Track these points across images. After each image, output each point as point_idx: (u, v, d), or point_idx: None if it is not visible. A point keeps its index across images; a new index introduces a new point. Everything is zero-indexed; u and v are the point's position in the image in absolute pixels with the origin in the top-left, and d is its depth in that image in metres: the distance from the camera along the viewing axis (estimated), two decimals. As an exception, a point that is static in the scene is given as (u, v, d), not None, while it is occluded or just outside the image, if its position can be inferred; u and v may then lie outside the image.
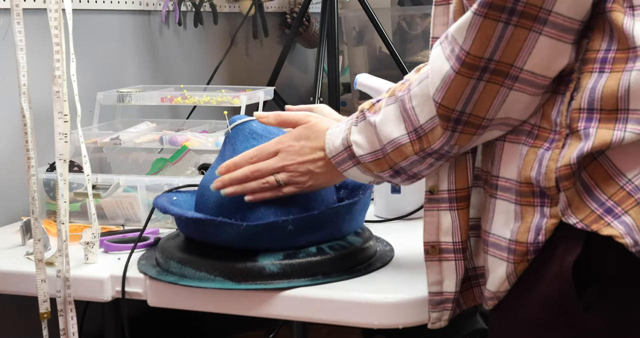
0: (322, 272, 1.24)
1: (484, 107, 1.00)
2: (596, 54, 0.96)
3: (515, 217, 1.01)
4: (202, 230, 1.26)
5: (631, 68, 0.94)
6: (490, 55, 0.96)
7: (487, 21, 0.95)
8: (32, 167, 1.28)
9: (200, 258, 1.25)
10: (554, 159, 0.96)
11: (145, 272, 1.30)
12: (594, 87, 0.95)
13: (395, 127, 1.09)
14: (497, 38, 0.96)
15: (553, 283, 0.97)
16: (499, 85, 0.98)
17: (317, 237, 1.26)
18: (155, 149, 1.80)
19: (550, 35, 0.95)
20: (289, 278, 1.22)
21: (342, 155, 1.17)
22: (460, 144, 1.05)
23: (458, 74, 0.99)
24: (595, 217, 0.94)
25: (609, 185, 0.95)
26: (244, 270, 1.22)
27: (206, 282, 1.23)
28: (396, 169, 1.12)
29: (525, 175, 0.99)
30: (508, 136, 1.03)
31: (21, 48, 1.26)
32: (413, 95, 1.07)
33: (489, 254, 1.05)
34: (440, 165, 1.11)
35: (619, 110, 0.94)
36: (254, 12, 2.60)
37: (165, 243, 1.34)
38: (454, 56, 0.99)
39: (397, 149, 1.10)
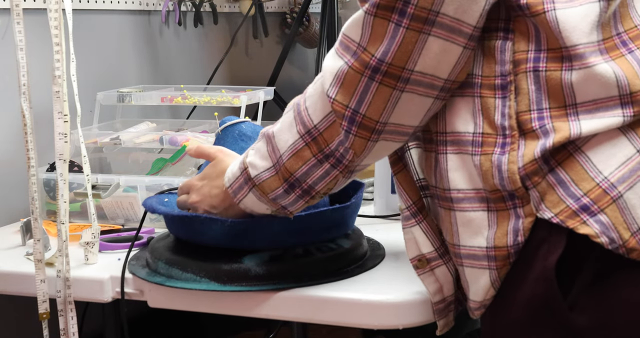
0: (308, 274, 1.23)
1: (377, 109, 1.00)
2: (526, 55, 0.97)
3: (489, 224, 1.00)
4: (188, 229, 1.27)
5: (570, 67, 0.95)
6: (382, 56, 0.97)
7: (379, 20, 0.96)
8: (33, 167, 1.28)
9: (187, 260, 1.25)
10: (512, 161, 0.96)
11: (134, 272, 1.30)
12: (538, 87, 0.96)
13: (290, 133, 1.08)
14: (389, 38, 0.96)
15: (537, 283, 0.97)
16: (391, 88, 0.98)
17: (304, 238, 1.26)
18: (155, 148, 1.80)
19: (438, 35, 0.96)
20: (275, 280, 1.22)
21: (239, 181, 1.16)
22: (355, 149, 1.04)
23: (351, 69, 0.99)
24: (571, 212, 0.95)
25: (584, 180, 0.95)
26: (229, 271, 1.22)
27: (192, 283, 1.23)
28: (291, 181, 1.10)
29: (490, 184, 0.98)
30: (449, 148, 1.02)
31: (21, 48, 1.26)
32: (307, 97, 1.06)
33: (466, 266, 1.04)
34: (335, 177, 1.08)
35: (567, 105, 0.96)
36: (254, 12, 2.60)
37: (156, 243, 1.35)
38: (349, 53, 0.99)
39: (295, 154, 1.08)
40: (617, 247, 0.93)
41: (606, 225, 0.94)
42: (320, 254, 1.25)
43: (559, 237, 0.96)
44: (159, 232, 1.54)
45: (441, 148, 1.03)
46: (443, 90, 1.00)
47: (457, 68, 0.99)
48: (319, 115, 1.04)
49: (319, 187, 1.10)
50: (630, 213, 0.94)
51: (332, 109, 1.02)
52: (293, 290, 1.21)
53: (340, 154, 1.05)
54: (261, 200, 1.15)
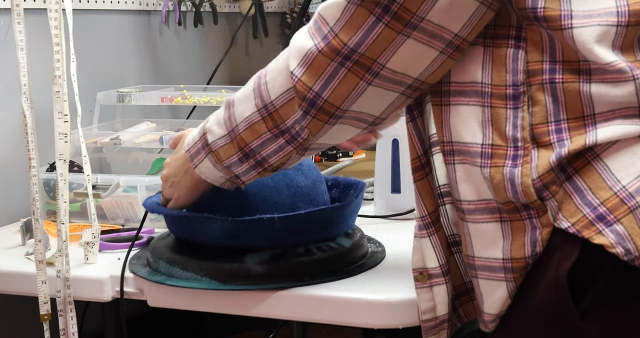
0: (309, 273, 1.23)
1: (340, 96, 0.99)
2: (541, 65, 0.95)
3: (504, 235, 0.98)
4: (188, 228, 1.27)
5: (588, 79, 0.93)
6: (355, 46, 0.96)
7: (361, 10, 0.95)
8: (34, 168, 1.28)
9: (188, 258, 1.25)
10: (526, 173, 0.94)
11: (135, 271, 1.30)
12: (555, 99, 0.94)
13: (247, 105, 1.07)
14: (365, 30, 0.95)
15: (550, 290, 0.95)
16: (359, 77, 0.98)
17: (305, 237, 1.25)
18: (155, 148, 1.80)
19: (418, 39, 0.95)
20: (275, 279, 1.21)
21: (197, 146, 1.16)
22: (311, 129, 1.03)
23: (321, 53, 0.98)
24: (587, 222, 0.92)
25: (602, 189, 0.93)
26: (230, 270, 1.22)
27: (193, 282, 1.23)
28: (246, 150, 1.10)
29: (502, 197, 0.96)
30: (456, 158, 1.01)
31: (21, 48, 1.26)
32: (269, 70, 1.06)
33: (481, 278, 1.02)
34: (288, 152, 1.08)
35: (585, 116, 0.94)
36: (254, 12, 2.60)
37: (156, 242, 1.35)
38: (320, 35, 0.98)
39: (250, 127, 1.07)
40: (632, 259, 0.91)
41: (622, 236, 0.91)
42: (321, 253, 1.25)
43: (572, 246, 0.93)
44: (159, 232, 1.54)
45: (448, 158, 1.02)
46: (410, 87, 1.00)
47: (429, 70, 0.98)
48: (278, 91, 1.04)
49: (272, 160, 1.10)
50: None
51: (293, 87, 1.01)
52: (293, 289, 1.21)
53: (296, 131, 1.04)
54: (216, 167, 1.14)
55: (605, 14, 0.92)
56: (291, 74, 1.01)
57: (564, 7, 0.93)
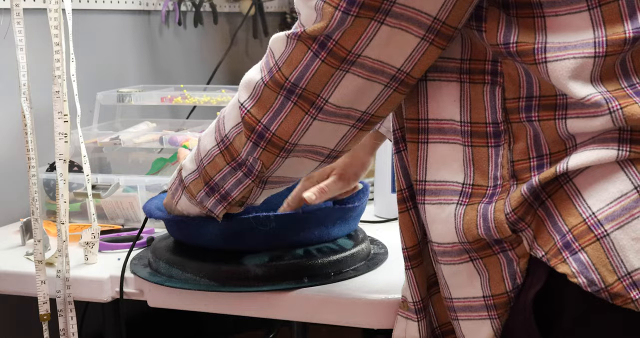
0: (308, 275, 1.22)
1: (287, 130, 0.99)
2: (517, 103, 0.91)
3: (479, 272, 0.95)
4: (187, 232, 1.26)
5: (564, 115, 0.89)
6: (296, 80, 0.95)
7: (300, 45, 0.94)
8: (33, 168, 1.28)
9: (187, 260, 1.25)
10: (499, 209, 0.91)
11: (135, 271, 1.30)
12: (537, 135, 0.91)
13: (210, 138, 1.09)
14: (304, 65, 0.94)
15: (518, 316, 0.93)
16: (304, 112, 0.97)
17: (303, 238, 1.25)
18: (155, 148, 1.80)
19: (358, 74, 0.93)
20: (274, 281, 1.21)
21: (175, 183, 1.19)
22: (264, 161, 1.04)
23: (267, 87, 0.98)
24: (556, 250, 0.88)
25: (571, 215, 0.88)
26: (229, 272, 1.22)
27: (192, 284, 1.23)
28: (211, 184, 1.11)
29: (472, 234, 0.92)
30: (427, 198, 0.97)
31: (21, 48, 1.26)
32: (229, 105, 1.07)
33: (461, 319, 0.98)
34: (248, 186, 1.08)
35: (568, 148, 0.91)
36: (254, 12, 2.60)
37: (158, 243, 1.34)
38: (267, 68, 0.99)
39: (212, 161, 1.09)
40: (598, 290, 0.86)
41: (585, 265, 0.86)
42: (321, 255, 1.25)
43: (540, 272, 0.90)
44: (159, 232, 1.54)
45: (419, 198, 0.99)
46: (360, 121, 0.98)
47: (377, 104, 0.96)
48: (231, 124, 1.05)
49: (234, 193, 1.10)
50: (617, 254, 0.86)
51: (242, 119, 1.02)
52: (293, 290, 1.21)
53: (250, 163, 1.05)
54: (192, 202, 1.16)
55: (582, 45, 0.87)
56: (240, 106, 1.02)
57: (539, 39, 0.88)
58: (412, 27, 0.90)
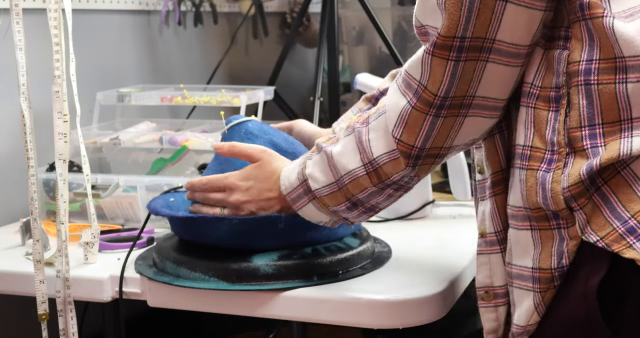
0: (317, 273, 1.23)
1: (442, 139, 1.01)
2: (578, 66, 0.93)
3: (534, 243, 0.97)
4: (194, 230, 1.26)
5: (624, 79, 0.91)
6: (445, 93, 0.97)
7: (437, 60, 0.96)
8: (32, 167, 1.28)
9: (195, 259, 1.25)
10: (557, 180, 0.93)
11: (141, 272, 1.30)
12: (590, 102, 0.92)
13: (352, 159, 1.09)
14: (449, 76, 0.96)
15: (578, 306, 0.93)
16: (455, 116, 0.99)
17: (311, 237, 1.25)
18: (155, 148, 1.80)
19: (497, 61, 0.96)
20: (284, 280, 1.21)
21: (298, 191, 1.15)
22: (420, 175, 1.06)
23: (414, 109, 0.99)
24: (617, 236, 0.90)
25: (632, 201, 0.90)
26: (238, 270, 1.21)
27: (200, 283, 1.22)
28: (353, 200, 1.11)
29: (532, 201, 0.96)
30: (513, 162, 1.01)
31: (20, 48, 1.26)
32: (371, 129, 1.07)
33: (514, 286, 1.01)
34: (398, 196, 1.11)
35: (622, 121, 0.92)
36: (254, 12, 2.60)
37: (163, 243, 1.34)
38: (411, 91, 1.00)
39: (355, 180, 1.09)
40: None
41: None
42: (329, 254, 1.25)
43: (601, 260, 0.91)
44: (159, 232, 1.54)
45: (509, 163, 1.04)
46: (497, 109, 1.01)
47: (511, 87, 0.99)
48: (382, 150, 1.05)
49: (382, 205, 1.13)
50: None
51: (397, 148, 1.03)
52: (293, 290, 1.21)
53: (405, 181, 1.07)
54: (321, 211, 1.15)
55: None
56: (392, 136, 1.03)
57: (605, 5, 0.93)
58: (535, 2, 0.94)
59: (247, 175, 1.22)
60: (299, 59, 3.08)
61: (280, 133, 1.34)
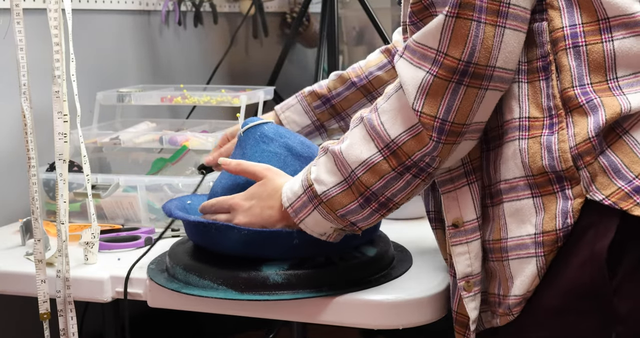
0: (328, 283, 1.19)
1: (464, 113, 0.99)
2: (562, 32, 0.98)
3: (537, 210, 0.99)
4: (205, 235, 1.24)
5: (610, 38, 0.96)
6: (468, 57, 0.95)
7: (461, 21, 0.95)
8: (33, 167, 1.27)
9: (205, 266, 1.23)
10: (563, 140, 0.96)
11: (152, 277, 1.28)
12: (579, 63, 0.97)
13: (364, 147, 1.04)
14: (473, 38, 0.95)
15: (584, 269, 0.95)
16: (477, 88, 0.97)
17: (326, 248, 1.20)
18: (155, 148, 1.80)
19: (512, 27, 0.97)
20: (294, 290, 1.18)
21: (302, 200, 1.11)
22: (442, 156, 1.02)
23: (437, 78, 0.97)
24: (623, 194, 0.94)
25: (636, 163, 0.95)
26: (247, 279, 1.19)
27: (209, 291, 1.20)
28: (367, 195, 1.06)
29: (537, 166, 0.98)
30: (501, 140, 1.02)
31: (21, 48, 1.26)
32: (381, 112, 1.03)
33: (512, 259, 1.02)
34: (416, 186, 1.05)
35: (608, 79, 0.97)
36: (254, 12, 2.60)
37: (176, 248, 1.32)
38: (428, 61, 0.97)
39: (370, 169, 1.04)
40: None
41: None
42: (343, 263, 1.21)
43: (609, 221, 0.94)
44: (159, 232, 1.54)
45: (495, 143, 1.04)
46: (509, 82, 1.00)
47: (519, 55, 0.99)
48: (399, 129, 1.01)
49: (398, 198, 1.06)
50: None
51: (419, 121, 0.99)
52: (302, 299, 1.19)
53: (426, 163, 1.02)
54: (327, 218, 1.10)
55: None
56: (414, 110, 0.99)
57: None
58: None
59: (251, 195, 1.20)
60: (299, 59, 3.08)
61: (297, 136, 1.29)
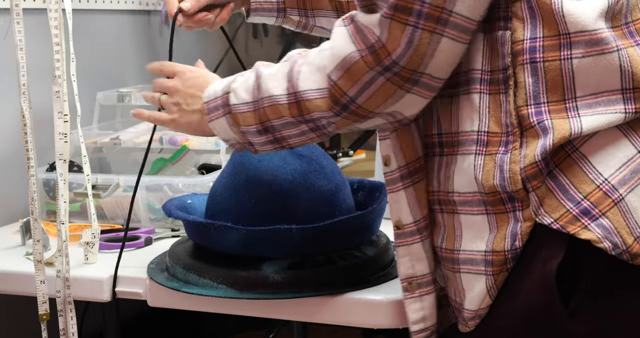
0: (328, 282, 1.20)
1: (375, 103, 0.97)
2: (522, 45, 0.94)
3: (490, 227, 0.97)
4: (204, 235, 1.24)
5: (569, 56, 0.92)
6: (397, 58, 0.93)
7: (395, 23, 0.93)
8: (32, 168, 1.27)
9: (205, 265, 1.23)
10: (515, 160, 0.93)
11: (152, 276, 1.29)
12: (536, 80, 0.93)
13: (278, 84, 1.03)
14: (406, 42, 0.93)
15: (536, 290, 0.94)
16: (398, 86, 0.95)
17: (325, 246, 1.22)
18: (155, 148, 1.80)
19: (451, 36, 0.93)
20: (293, 289, 1.18)
21: (217, 102, 1.09)
22: (339, 125, 1.01)
23: (362, 60, 0.95)
24: (571, 217, 0.91)
25: (584, 183, 0.92)
26: (247, 278, 1.19)
27: (209, 290, 1.20)
28: (267, 125, 1.05)
29: (489, 185, 0.95)
30: (458, 149, 0.99)
31: (21, 48, 1.26)
32: (306, 62, 1.02)
33: (463, 272, 1.00)
34: (310, 138, 1.05)
35: (566, 99, 0.93)
36: (254, 12, 2.60)
37: (176, 247, 1.32)
38: (365, 42, 0.95)
39: (274, 106, 1.03)
40: (620, 253, 0.90)
41: (608, 230, 0.90)
42: (343, 262, 1.22)
43: (558, 243, 0.92)
44: (159, 232, 1.54)
45: (450, 149, 1.00)
46: (436, 90, 0.98)
47: (453, 66, 0.96)
48: (310, 85, 1.00)
49: (292, 140, 1.06)
50: (632, 216, 0.91)
51: (328, 91, 0.98)
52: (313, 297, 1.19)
53: (322, 124, 1.02)
54: (232, 129, 1.08)
55: None
56: (328, 77, 0.98)
57: None
58: None
59: (195, 72, 1.19)
60: (299, 59, 3.08)
61: None
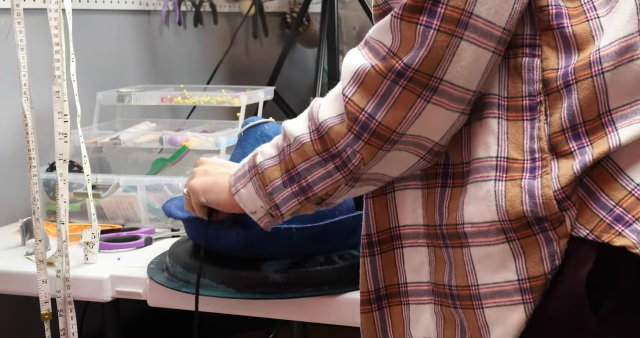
0: (329, 282, 1.20)
1: (395, 118, 0.93)
2: (556, 73, 0.92)
3: (514, 255, 0.93)
4: (205, 235, 1.24)
5: (600, 71, 0.91)
6: (409, 60, 0.91)
7: (405, 24, 0.90)
8: (34, 167, 1.28)
9: (205, 265, 1.22)
10: (547, 185, 0.90)
11: (151, 276, 1.29)
12: (570, 103, 0.91)
13: (300, 126, 1.00)
14: (419, 43, 0.90)
15: (565, 299, 0.91)
16: (416, 95, 0.91)
17: (325, 246, 1.22)
18: (155, 148, 1.80)
19: (471, 40, 0.90)
20: (293, 288, 1.19)
21: (244, 169, 1.07)
22: (364, 155, 0.96)
23: (374, 69, 0.92)
24: (605, 225, 0.89)
25: (615, 189, 0.90)
26: (247, 278, 1.19)
27: (209, 290, 1.20)
28: (292, 173, 1.01)
29: (516, 212, 0.91)
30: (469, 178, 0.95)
31: (22, 48, 1.26)
32: (326, 96, 1.00)
33: (488, 307, 0.95)
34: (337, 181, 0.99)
35: (601, 114, 0.91)
36: (254, 12, 2.60)
37: (176, 247, 1.32)
38: (377, 56, 0.93)
39: (300, 148, 1.00)
40: None
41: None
42: (342, 262, 1.22)
43: (588, 251, 0.90)
44: (159, 232, 1.54)
45: (458, 180, 0.96)
46: (469, 103, 0.94)
47: (484, 77, 0.93)
48: (329, 113, 0.97)
49: (317, 188, 1.00)
50: None
51: (345, 110, 0.95)
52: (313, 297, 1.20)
53: (347, 156, 0.96)
54: (258, 194, 1.05)
55: None
56: (343, 95, 0.95)
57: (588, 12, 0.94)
58: None
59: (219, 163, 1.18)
60: (299, 59, 3.08)
61: None
